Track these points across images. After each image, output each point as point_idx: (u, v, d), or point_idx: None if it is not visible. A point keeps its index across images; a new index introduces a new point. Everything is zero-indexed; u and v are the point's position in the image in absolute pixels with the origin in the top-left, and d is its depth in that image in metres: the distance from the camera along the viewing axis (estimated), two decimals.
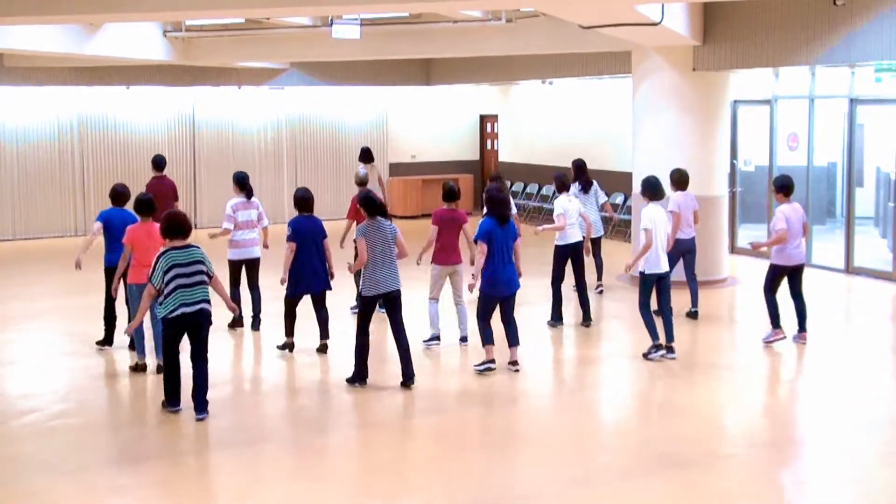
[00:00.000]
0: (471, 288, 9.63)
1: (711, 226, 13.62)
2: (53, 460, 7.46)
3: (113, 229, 10.16)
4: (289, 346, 10.38)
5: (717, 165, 14.18)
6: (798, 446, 7.82)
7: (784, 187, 10.27)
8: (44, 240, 19.40)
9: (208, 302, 8.31)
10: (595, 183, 13.46)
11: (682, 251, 11.54)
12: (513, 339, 9.63)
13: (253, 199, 11.39)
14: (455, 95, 23.14)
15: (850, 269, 14.47)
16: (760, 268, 15.12)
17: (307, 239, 10.03)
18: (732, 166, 16.11)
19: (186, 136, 20.83)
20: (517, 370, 9.52)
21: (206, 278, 8.30)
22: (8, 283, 15.06)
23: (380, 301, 9.22)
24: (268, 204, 12.56)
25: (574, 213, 11.30)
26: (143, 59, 16.26)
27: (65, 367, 10.21)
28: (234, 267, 11.29)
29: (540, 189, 21.17)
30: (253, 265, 11.36)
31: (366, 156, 16.14)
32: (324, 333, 10.39)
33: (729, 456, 7.50)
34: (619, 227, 17.98)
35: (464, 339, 10.60)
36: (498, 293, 9.44)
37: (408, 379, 9.08)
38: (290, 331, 10.38)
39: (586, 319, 11.38)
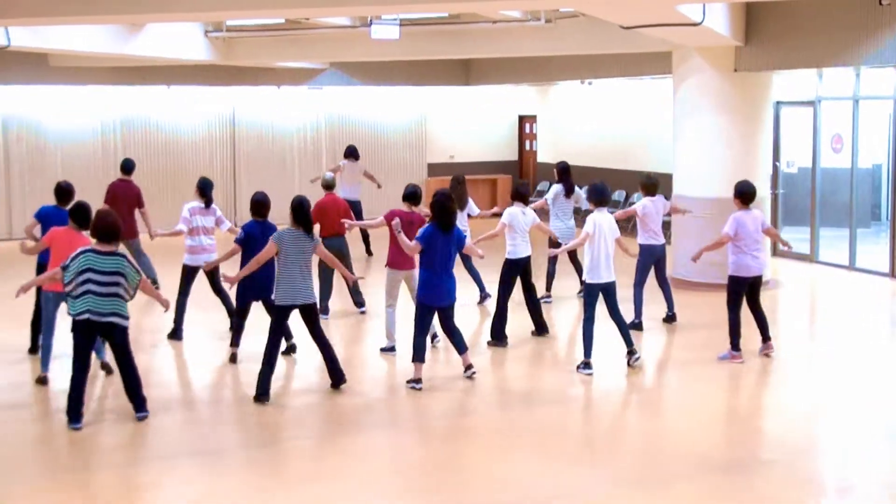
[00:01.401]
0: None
1: None
2: (97, 455, 7.51)
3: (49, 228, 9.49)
4: (233, 356, 9.99)
5: (759, 167, 14.01)
6: (841, 452, 7.69)
7: (741, 194, 9.75)
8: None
9: (120, 316, 7.88)
10: (578, 189, 12.98)
11: (655, 257, 11.23)
12: (460, 347, 9.29)
13: (212, 206, 10.99)
14: (494, 96, 23.09)
15: (894, 273, 14.22)
16: (804, 271, 15.00)
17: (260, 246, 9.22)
18: (775, 168, 15.92)
19: (226, 136, 20.98)
20: (473, 374, 9.24)
21: (121, 291, 7.83)
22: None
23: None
24: None
25: (525, 227, 10.60)
26: (184, 58, 16.40)
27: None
28: (187, 272, 10.87)
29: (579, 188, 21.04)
30: (211, 271, 10.75)
31: (352, 152, 16.52)
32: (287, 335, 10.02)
33: (772, 461, 7.40)
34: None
35: (433, 336, 10.33)
36: (432, 302, 9.05)
37: (338, 382, 8.95)
38: (234, 340, 10.03)
39: (539, 330, 10.92)
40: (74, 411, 7.93)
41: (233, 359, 10.00)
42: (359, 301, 12.18)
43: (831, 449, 7.78)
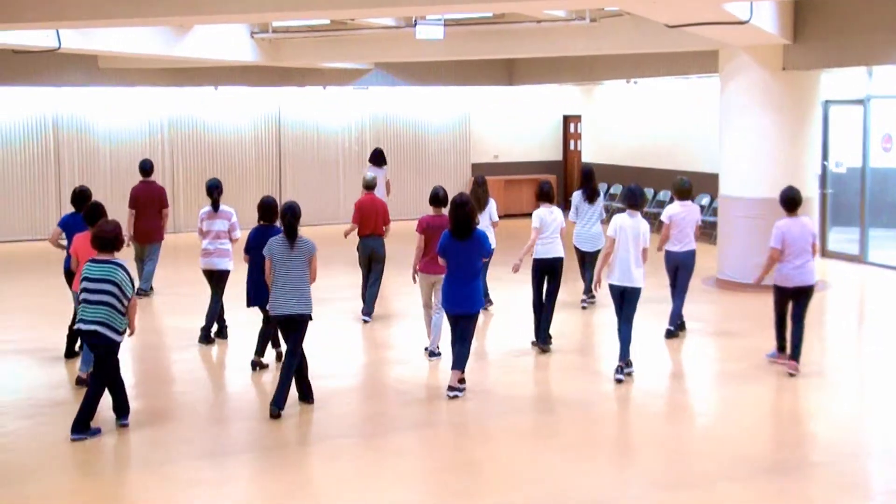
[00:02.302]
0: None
1: None
2: (134, 454, 7.61)
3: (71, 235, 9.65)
4: (257, 364, 9.79)
5: (807, 167, 13.83)
6: (889, 456, 7.57)
7: (784, 201, 9.45)
8: None
9: (107, 326, 7.68)
10: (602, 195, 12.74)
11: (673, 264, 10.79)
12: (456, 362, 8.78)
13: (222, 209, 10.80)
14: (538, 95, 23.03)
15: None
16: (853, 272, 14.78)
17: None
18: (823, 168, 15.71)
19: (272, 136, 21.15)
20: (454, 396, 8.74)
21: (111, 300, 7.68)
22: None
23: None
24: (350, 203, 12.50)
25: (554, 227, 10.33)
26: (230, 60, 16.57)
27: (146, 362, 10.42)
28: (205, 276, 10.91)
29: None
30: (218, 277, 10.79)
31: (378, 158, 16.16)
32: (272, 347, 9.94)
33: (819, 464, 7.31)
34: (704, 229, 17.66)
35: (432, 354, 10.07)
36: (449, 309, 8.81)
37: (305, 398, 8.62)
38: (260, 350, 9.80)
39: (540, 340, 10.41)
40: (79, 419, 7.77)
41: (256, 366, 9.75)
42: (367, 310, 11.84)
43: (879, 453, 7.65)
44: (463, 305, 8.73)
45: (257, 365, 9.75)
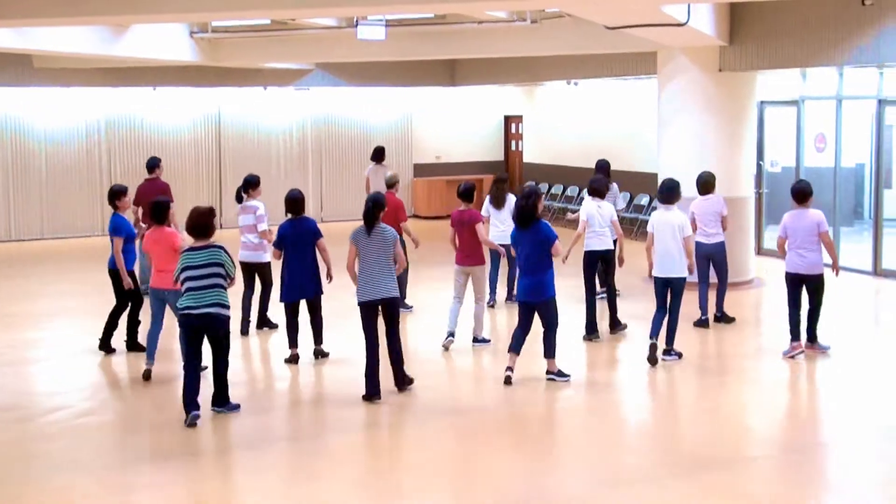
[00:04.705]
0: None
1: (737, 227, 13.53)
2: (79, 458, 7.52)
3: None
4: (293, 358, 10.08)
5: (743, 166, 14.09)
6: (823, 449, 7.75)
7: (793, 193, 10.09)
8: (71, 239, 19.56)
9: (221, 305, 8.14)
10: (614, 186, 13.06)
11: (700, 256, 11.28)
12: (546, 350, 9.26)
13: (248, 203, 11.26)
14: (480, 96, 23.12)
15: (878, 271, 14.33)
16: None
17: (292, 244, 9.86)
18: (759, 167, 16.00)
19: (212, 137, 20.94)
20: (552, 380, 9.23)
21: (220, 280, 8.12)
22: (35, 282, 15.21)
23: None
24: None
25: (603, 221, 10.95)
26: (169, 59, 16.36)
27: (89, 366, 10.28)
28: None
29: (565, 190, 21.11)
30: (252, 269, 11.23)
31: (379, 155, 16.41)
32: (317, 339, 10.19)
33: (754, 458, 7.45)
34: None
35: (475, 340, 10.61)
36: (519, 298, 9.31)
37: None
38: (292, 341, 10.12)
39: (614, 327, 11.14)
40: (187, 401, 8.15)
41: (291, 359, 10.07)
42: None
43: (813, 446, 7.83)
44: (534, 294, 9.08)
45: (294, 359, 10.04)
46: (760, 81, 14.63)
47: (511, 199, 12.11)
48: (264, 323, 11.50)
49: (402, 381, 8.94)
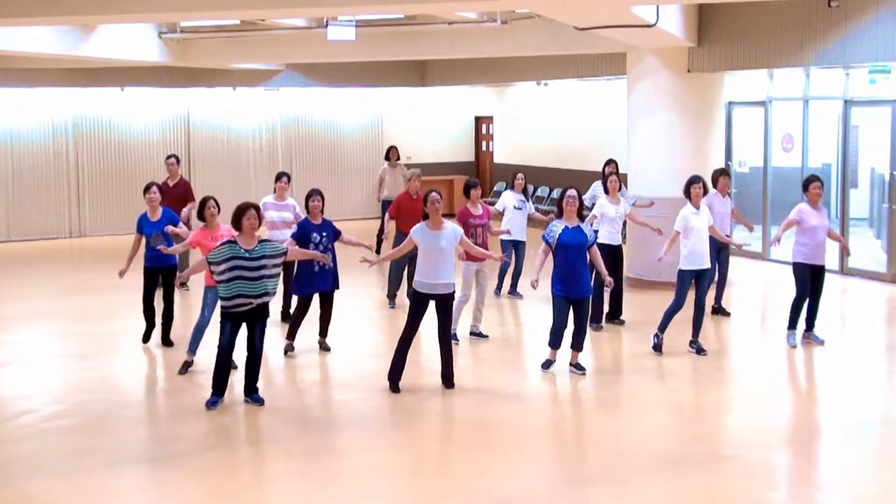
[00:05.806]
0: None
1: None
2: (47, 462, 7.44)
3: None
4: (288, 348, 10.39)
5: (712, 167, 14.14)
6: (796, 446, 7.82)
7: (803, 186, 10.73)
8: (38, 241, 19.37)
9: (269, 294, 8.44)
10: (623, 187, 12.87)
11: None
12: (573, 343, 9.58)
13: (287, 200, 11.68)
14: (450, 97, 23.14)
15: (844, 270, 14.49)
16: (756, 269, 15.21)
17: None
18: (727, 167, 16.12)
19: (181, 138, 20.81)
20: (574, 372, 9.52)
21: (271, 272, 8.35)
22: (2, 285, 15.02)
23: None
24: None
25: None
26: (137, 60, 16.26)
27: (60, 369, 10.19)
28: None
29: (535, 190, 21.16)
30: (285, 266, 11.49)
31: (392, 155, 16.88)
32: (323, 332, 10.44)
33: (729, 456, 7.50)
34: None
35: (472, 334, 10.96)
36: (561, 293, 9.47)
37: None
38: (291, 333, 10.40)
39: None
40: (216, 387, 8.48)
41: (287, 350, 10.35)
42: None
43: (782, 443, 7.90)
44: (575, 291, 9.39)
45: (290, 349, 10.31)
46: (728, 82, 14.75)
47: (529, 202, 13.18)
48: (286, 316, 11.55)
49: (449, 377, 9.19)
